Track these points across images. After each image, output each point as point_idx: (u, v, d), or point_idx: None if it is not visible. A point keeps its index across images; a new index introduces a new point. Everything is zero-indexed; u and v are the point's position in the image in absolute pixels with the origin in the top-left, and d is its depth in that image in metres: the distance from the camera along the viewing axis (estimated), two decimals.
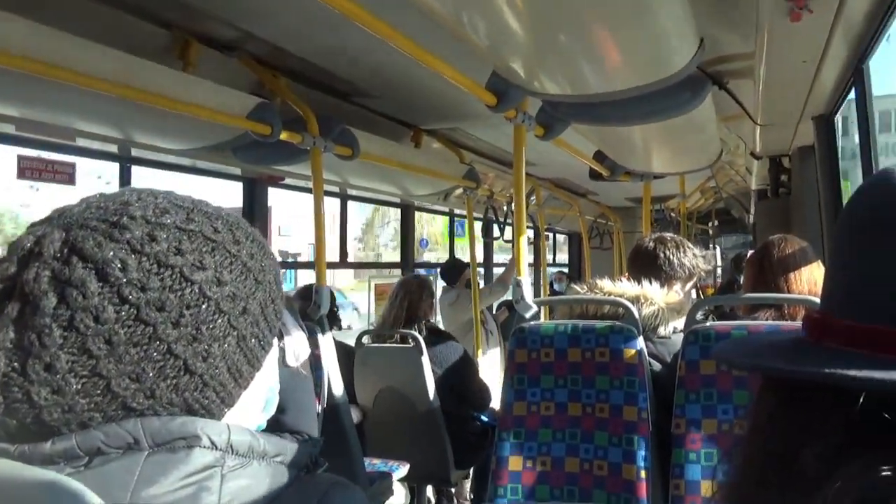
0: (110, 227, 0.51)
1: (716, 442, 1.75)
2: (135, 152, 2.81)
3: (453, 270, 4.61)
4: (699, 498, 1.72)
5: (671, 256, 2.06)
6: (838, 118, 2.89)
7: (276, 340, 0.61)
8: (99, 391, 0.49)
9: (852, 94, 2.38)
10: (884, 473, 0.34)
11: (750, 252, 2.80)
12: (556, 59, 1.83)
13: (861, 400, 0.37)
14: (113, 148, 2.72)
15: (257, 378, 0.59)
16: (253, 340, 0.56)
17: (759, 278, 1.89)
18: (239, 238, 0.57)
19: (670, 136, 2.94)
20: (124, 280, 0.50)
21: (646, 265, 2.07)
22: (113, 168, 2.79)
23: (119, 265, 0.50)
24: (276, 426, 1.89)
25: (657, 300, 1.97)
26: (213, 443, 0.51)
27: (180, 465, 0.49)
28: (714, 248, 7.55)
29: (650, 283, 2.00)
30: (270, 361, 0.61)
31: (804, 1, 1.64)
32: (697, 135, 3.04)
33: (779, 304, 1.84)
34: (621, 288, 2.01)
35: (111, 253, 0.50)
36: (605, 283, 2.04)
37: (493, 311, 4.99)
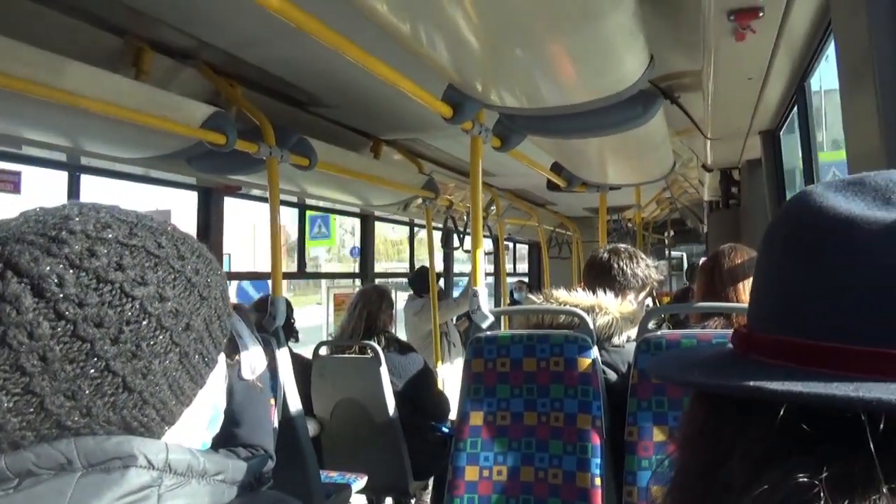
0: (48, 241, 0.50)
1: (667, 449, 1.78)
2: (84, 161, 2.74)
3: (422, 279, 4.57)
4: None
5: (624, 267, 2.10)
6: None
7: (222, 357, 0.61)
8: (32, 409, 0.48)
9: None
10: (801, 480, 0.36)
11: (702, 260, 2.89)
12: (510, 73, 1.86)
13: (781, 412, 0.39)
14: (62, 156, 2.65)
15: (201, 395, 0.58)
16: (196, 357, 0.56)
17: (710, 287, 1.94)
18: (184, 253, 0.56)
19: (625, 149, 3.01)
20: (61, 295, 0.49)
21: (600, 276, 2.11)
22: (61, 177, 2.72)
23: (56, 280, 0.49)
24: (231, 440, 1.86)
25: (611, 310, 2.01)
26: (150, 462, 0.50)
27: (114, 486, 0.48)
28: (680, 256, 7.70)
29: (605, 293, 2.04)
30: (215, 378, 0.60)
31: (748, 21, 1.70)
32: (651, 147, 3.11)
33: (728, 313, 1.89)
34: (576, 298, 2.04)
35: (48, 268, 0.49)
36: (561, 293, 2.07)
37: (455, 321, 5.00)
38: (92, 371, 0.49)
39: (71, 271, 0.50)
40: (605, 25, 1.62)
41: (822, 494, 0.35)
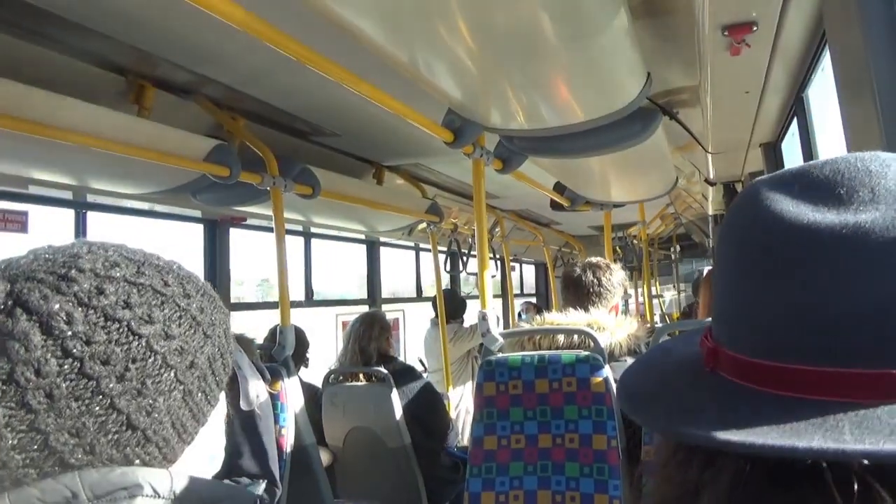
0: (58, 279, 0.51)
1: None
2: (91, 198, 2.76)
3: (454, 304, 4.59)
4: None
5: (597, 279, 2.10)
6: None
7: (223, 395, 0.61)
8: (36, 446, 0.48)
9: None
10: None
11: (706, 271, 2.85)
12: (509, 96, 1.88)
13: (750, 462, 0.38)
14: (67, 194, 2.67)
15: (202, 433, 0.58)
16: (199, 395, 0.56)
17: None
18: (189, 292, 0.57)
19: (626, 166, 3.01)
20: (69, 333, 0.49)
21: (576, 291, 2.11)
22: (68, 215, 2.74)
23: (65, 318, 0.49)
24: (233, 471, 1.85)
25: (608, 325, 1.99)
26: (155, 491, 0.50)
27: None
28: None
29: (586, 310, 2.04)
30: (217, 417, 0.60)
31: (742, 36, 1.71)
32: (652, 164, 3.12)
33: None
34: (570, 318, 2.03)
35: (57, 305, 0.50)
36: (555, 316, 2.06)
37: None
38: (97, 408, 0.50)
39: (80, 309, 0.50)
40: (600, 45, 1.64)
41: None
